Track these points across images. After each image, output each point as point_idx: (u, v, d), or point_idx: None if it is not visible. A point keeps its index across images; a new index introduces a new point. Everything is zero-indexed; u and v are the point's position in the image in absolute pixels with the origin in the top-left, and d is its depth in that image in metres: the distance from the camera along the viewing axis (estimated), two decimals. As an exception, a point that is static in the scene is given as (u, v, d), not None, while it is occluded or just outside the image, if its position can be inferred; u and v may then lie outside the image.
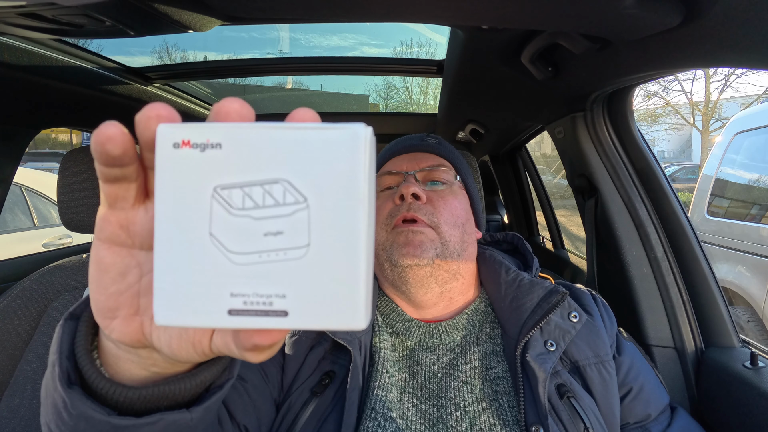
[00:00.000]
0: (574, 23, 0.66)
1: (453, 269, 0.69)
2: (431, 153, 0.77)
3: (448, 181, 0.74)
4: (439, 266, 0.67)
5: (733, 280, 2.88)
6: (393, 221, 0.68)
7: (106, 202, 0.27)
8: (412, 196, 0.68)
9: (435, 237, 0.67)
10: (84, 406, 0.29)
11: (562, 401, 0.60)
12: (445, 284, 0.69)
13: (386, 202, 0.71)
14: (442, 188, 0.73)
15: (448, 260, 0.68)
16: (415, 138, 0.80)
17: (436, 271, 0.67)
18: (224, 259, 0.23)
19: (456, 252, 0.68)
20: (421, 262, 0.65)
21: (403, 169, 0.75)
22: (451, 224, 0.69)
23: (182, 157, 0.23)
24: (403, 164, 0.76)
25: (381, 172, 0.77)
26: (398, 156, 0.78)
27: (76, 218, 1.04)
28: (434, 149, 0.78)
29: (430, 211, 0.68)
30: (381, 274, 0.72)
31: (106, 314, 0.28)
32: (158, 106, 0.24)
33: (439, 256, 0.67)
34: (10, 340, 0.99)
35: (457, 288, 0.71)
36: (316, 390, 0.61)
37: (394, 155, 0.79)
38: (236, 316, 0.23)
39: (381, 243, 0.69)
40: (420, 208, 0.68)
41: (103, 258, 0.27)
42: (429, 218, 0.67)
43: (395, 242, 0.67)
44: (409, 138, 0.81)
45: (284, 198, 0.23)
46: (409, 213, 0.67)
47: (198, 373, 0.32)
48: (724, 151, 3.20)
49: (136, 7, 0.65)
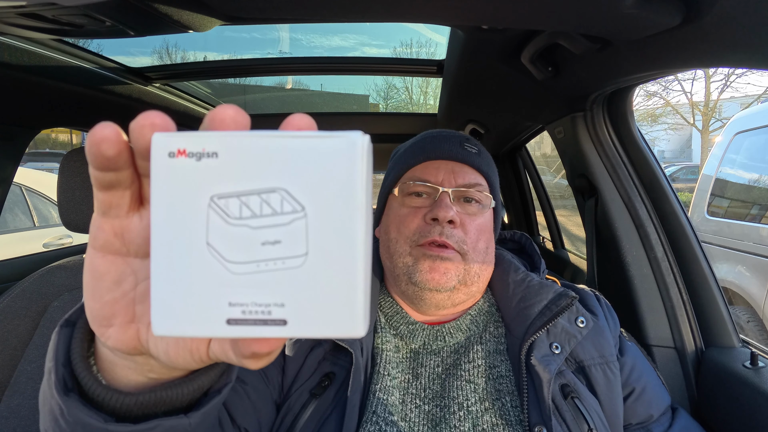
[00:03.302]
0: (574, 23, 0.66)
1: (472, 291, 0.69)
2: (470, 166, 0.71)
3: (483, 202, 0.70)
4: (459, 290, 0.67)
5: (733, 280, 2.88)
6: (421, 240, 0.65)
7: (100, 210, 0.26)
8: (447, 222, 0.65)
9: (460, 263, 0.65)
10: (81, 413, 0.29)
11: (566, 402, 0.60)
12: (459, 302, 0.69)
13: (414, 217, 0.67)
14: (475, 209, 0.69)
15: (468, 284, 0.67)
16: (455, 142, 0.72)
17: (454, 294, 0.67)
18: (222, 268, 0.23)
19: (477, 275, 0.67)
20: (443, 290, 0.65)
21: (440, 182, 0.69)
22: (479, 250, 0.67)
23: (178, 167, 0.23)
24: (440, 175, 0.69)
25: (412, 174, 0.71)
26: (434, 161, 0.71)
27: (76, 218, 1.04)
28: (474, 162, 0.72)
29: (461, 237, 0.65)
30: (393, 281, 0.71)
31: (102, 322, 0.28)
32: (152, 115, 0.23)
33: (461, 282, 0.66)
34: (10, 340, 0.99)
35: (467, 296, 0.70)
36: (316, 392, 0.61)
37: (429, 158, 0.71)
38: (235, 325, 0.23)
39: (402, 257, 0.67)
40: (452, 234, 0.65)
41: (98, 266, 0.27)
42: (459, 245, 0.65)
43: (420, 263, 0.65)
44: (447, 139, 0.73)
45: (282, 207, 0.23)
46: (441, 238, 0.64)
47: (195, 378, 0.32)
48: (724, 151, 3.20)
49: (136, 7, 0.65)
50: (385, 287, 0.75)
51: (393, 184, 0.73)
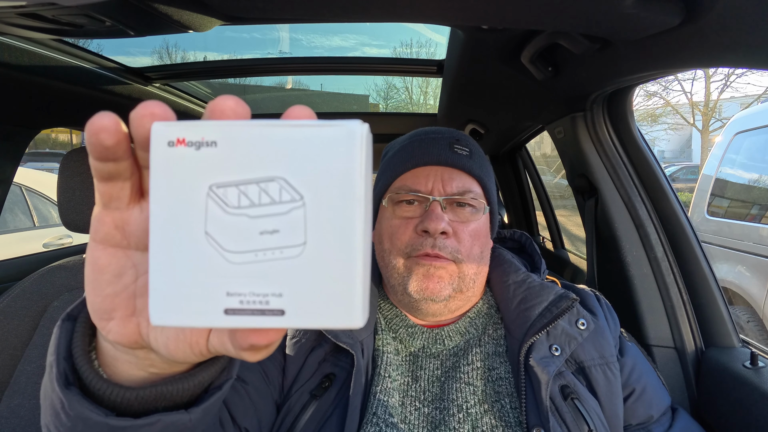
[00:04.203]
0: (574, 23, 0.66)
1: (468, 296, 0.69)
2: (461, 170, 0.68)
3: (477, 207, 0.67)
4: (454, 298, 0.66)
5: (733, 280, 2.88)
6: (414, 253, 0.64)
7: (100, 202, 0.26)
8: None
9: (455, 272, 0.64)
10: (82, 407, 0.29)
11: (566, 403, 0.60)
12: (457, 308, 0.69)
13: (406, 229, 0.66)
14: (468, 214, 0.67)
15: (464, 291, 0.67)
16: (443, 145, 0.68)
17: (450, 302, 0.67)
18: (220, 258, 0.23)
19: (472, 280, 0.67)
20: (438, 299, 0.64)
21: (429, 190, 0.66)
22: (474, 256, 0.66)
23: (177, 156, 0.23)
24: (429, 183, 0.66)
25: (401, 183, 0.68)
26: (423, 168, 0.68)
27: (76, 218, 1.04)
28: (465, 166, 0.68)
29: (454, 247, 0.64)
30: (390, 288, 0.71)
31: (103, 316, 0.28)
32: (152, 104, 0.23)
33: (456, 290, 0.65)
34: (10, 340, 0.99)
35: (463, 302, 0.70)
36: (316, 392, 0.61)
37: (418, 165, 0.68)
38: (232, 315, 0.23)
39: (396, 268, 0.66)
40: (445, 246, 0.63)
41: (99, 259, 0.27)
42: (452, 254, 0.64)
43: (413, 272, 0.64)
44: (435, 142, 0.69)
45: (280, 196, 0.23)
46: (434, 251, 0.63)
47: (196, 373, 0.32)
48: (724, 151, 3.20)
49: (136, 7, 0.65)
50: (385, 292, 0.75)
51: (383, 192, 0.71)
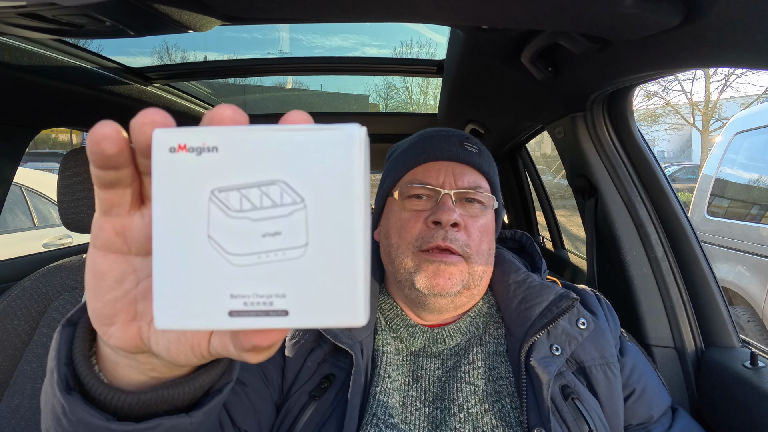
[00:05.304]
0: (574, 23, 0.66)
1: (473, 293, 0.69)
2: (471, 167, 0.70)
3: (486, 203, 0.69)
4: (461, 294, 0.66)
5: (733, 280, 2.88)
6: (424, 246, 0.64)
7: (101, 209, 0.26)
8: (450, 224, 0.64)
9: (464, 268, 0.65)
10: (83, 412, 0.29)
11: (566, 403, 0.60)
12: (461, 305, 0.69)
13: (416, 222, 0.66)
14: (478, 210, 0.68)
15: (471, 288, 0.67)
16: (455, 142, 0.71)
17: (457, 298, 0.66)
18: (223, 261, 0.23)
19: (480, 277, 0.67)
20: (447, 294, 0.64)
21: (441, 184, 0.67)
22: (482, 252, 0.67)
23: (179, 162, 0.23)
24: (441, 176, 0.68)
25: (412, 176, 0.69)
26: (434, 162, 0.69)
27: (76, 218, 1.04)
28: (475, 162, 0.70)
29: (464, 240, 0.64)
30: (395, 286, 0.71)
31: (104, 321, 0.28)
32: (152, 112, 0.24)
33: (465, 286, 0.65)
34: (10, 340, 0.99)
35: (469, 299, 0.70)
36: (315, 393, 0.61)
37: (429, 159, 0.70)
38: (237, 317, 0.24)
39: (404, 262, 0.66)
40: (456, 238, 0.64)
41: (99, 265, 0.27)
42: (462, 249, 0.64)
43: (423, 268, 0.64)
44: (446, 138, 0.71)
45: (281, 199, 0.23)
46: (445, 243, 0.63)
47: (197, 376, 0.32)
48: (724, 151, 3.20)
49: (136, 7, 0.65)
50: (386, 289, 0.74)
51: (392, 186, 0.71)
